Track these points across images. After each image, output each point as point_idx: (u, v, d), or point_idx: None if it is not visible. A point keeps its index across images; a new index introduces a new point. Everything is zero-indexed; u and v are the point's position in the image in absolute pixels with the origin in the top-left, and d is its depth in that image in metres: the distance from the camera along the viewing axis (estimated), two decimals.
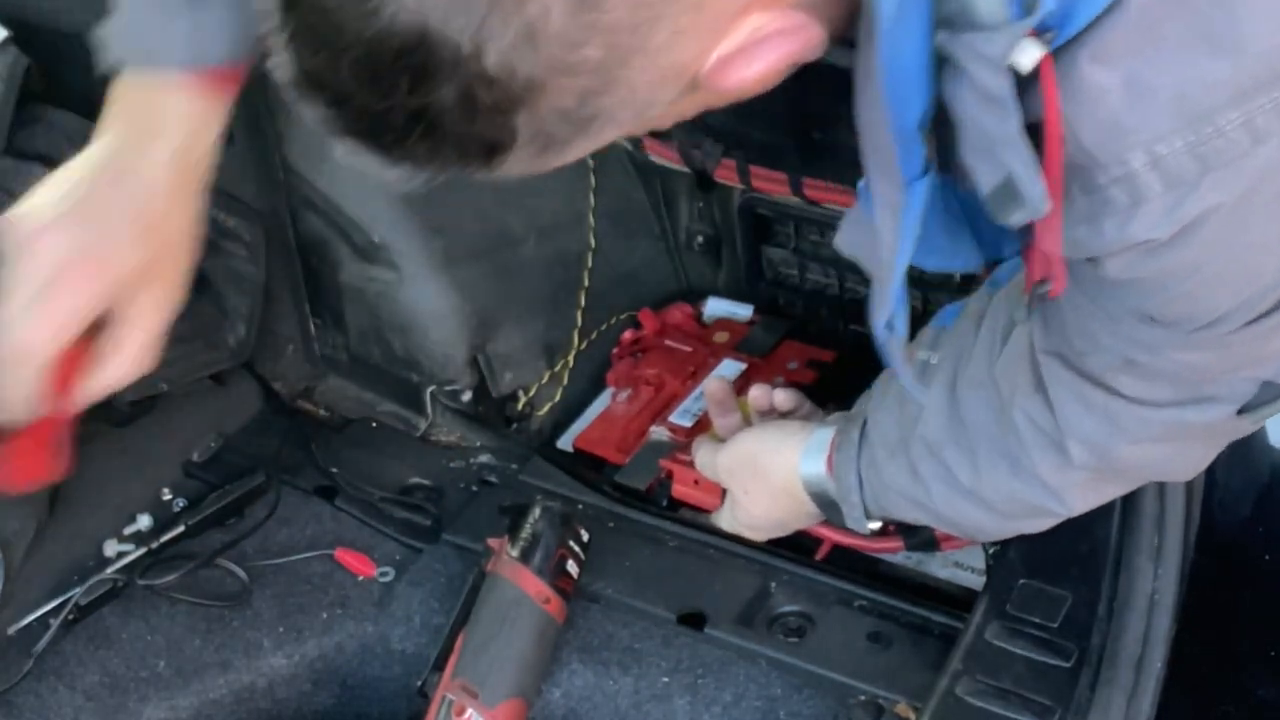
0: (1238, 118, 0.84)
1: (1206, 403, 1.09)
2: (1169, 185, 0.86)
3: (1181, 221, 0.88)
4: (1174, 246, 0.90)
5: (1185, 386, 1.08)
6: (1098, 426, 1.15)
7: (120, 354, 1.17)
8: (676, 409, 1.71)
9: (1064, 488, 1.23)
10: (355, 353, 1.81)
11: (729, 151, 1.67)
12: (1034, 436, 1.20)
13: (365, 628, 1.52)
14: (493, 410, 1.78)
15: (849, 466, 1.37)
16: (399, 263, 1.72)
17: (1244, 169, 0.85)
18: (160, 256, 1.18)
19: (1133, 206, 0.88)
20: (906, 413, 1.31)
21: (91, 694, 1.44)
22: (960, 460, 1.27)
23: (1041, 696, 1.26)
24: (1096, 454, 1.17)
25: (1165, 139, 0.85)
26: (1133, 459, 1.17)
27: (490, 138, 0.80)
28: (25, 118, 1.64)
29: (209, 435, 1.70)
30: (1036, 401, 1.18)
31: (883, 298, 1.01)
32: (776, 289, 1.85)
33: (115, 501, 1.61)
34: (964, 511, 1.30)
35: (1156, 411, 1.11)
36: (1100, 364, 1.10)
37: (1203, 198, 0.86)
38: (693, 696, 1.40)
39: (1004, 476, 1.24)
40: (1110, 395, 1.12)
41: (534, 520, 1.44)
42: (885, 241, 0.97)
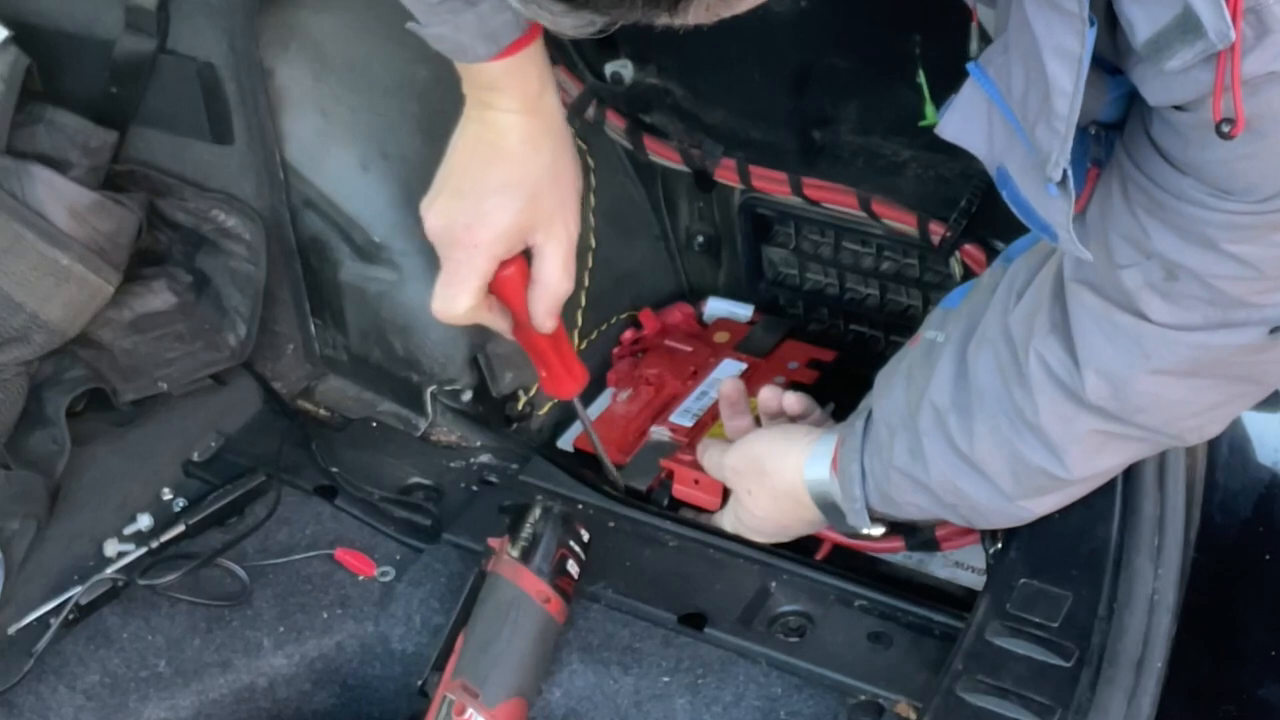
0: None
1: (1236, 327, 1.10)
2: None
3: None
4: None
5: (1217, 308, 1.09)
6: (1121, 353, 1.16)
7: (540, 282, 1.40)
8: (677, 409, 1.71)
9: (1065, 442, 1.23)
10: (355, 353, 1.81)
11: (729, 151, 1.67)
12: (1044, 381, 1.21)
13: (365, 628, 1.52)
14: (493, 410, 1.78)
15: (853, 457, 1.39)
16: (399, 262, 1.72)
17: None
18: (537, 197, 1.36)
19: (1258, 38, 0.89)
20: (914, 386, 1.33)
21: (91, 694, 1.44)
22: (960, 424, 1.28)
23: (1041, 696, 1.26)
24: (1113, 386, 1.18)
25: None
26: (1149, 394, 1.18)
27: None
28: (25, 118, 1.64)
29: (209, 435, 1.70)
30: (1053, 342, 1.20)
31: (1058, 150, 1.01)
32: (776, 289, 1.85)
33: (115, 501, 1.61)
34: (962, 487, 1.31)
35: (1185, 335, 1.12)
36: (1136, 280, 1.11)
37: None
38: (693, 696, 1.40)
39: (1003, 435, 1.25)
40: (1138, 319, 1.13)
41: (534, 520, 1.44)
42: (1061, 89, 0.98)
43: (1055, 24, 0.97)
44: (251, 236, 1.71)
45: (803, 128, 1.62)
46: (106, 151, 1.69)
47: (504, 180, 1.36)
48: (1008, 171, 1.13)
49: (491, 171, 1.36)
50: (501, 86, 1.34)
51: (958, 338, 1.31)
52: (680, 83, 1.66)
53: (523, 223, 1.37)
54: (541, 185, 1.37)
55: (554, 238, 1.39)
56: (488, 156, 1.37)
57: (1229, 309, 1.09)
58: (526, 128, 1.36)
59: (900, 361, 1.39)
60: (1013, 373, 1.24)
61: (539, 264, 1.39)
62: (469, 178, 1.37)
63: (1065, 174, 1.04)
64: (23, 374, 1.61)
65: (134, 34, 1.65)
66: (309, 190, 1.74)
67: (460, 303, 1.39)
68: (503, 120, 1.36)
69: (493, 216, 1.36)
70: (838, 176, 1.61)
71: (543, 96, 1.37)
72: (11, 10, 1.66)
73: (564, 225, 1.39)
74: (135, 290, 1.70)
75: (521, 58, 1.32)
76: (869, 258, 1.76)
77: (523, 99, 1.35)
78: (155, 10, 1.63)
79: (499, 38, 1.30)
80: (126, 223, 1.65)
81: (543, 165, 1.37)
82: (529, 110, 1.36)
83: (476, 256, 1.37)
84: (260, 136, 1.70)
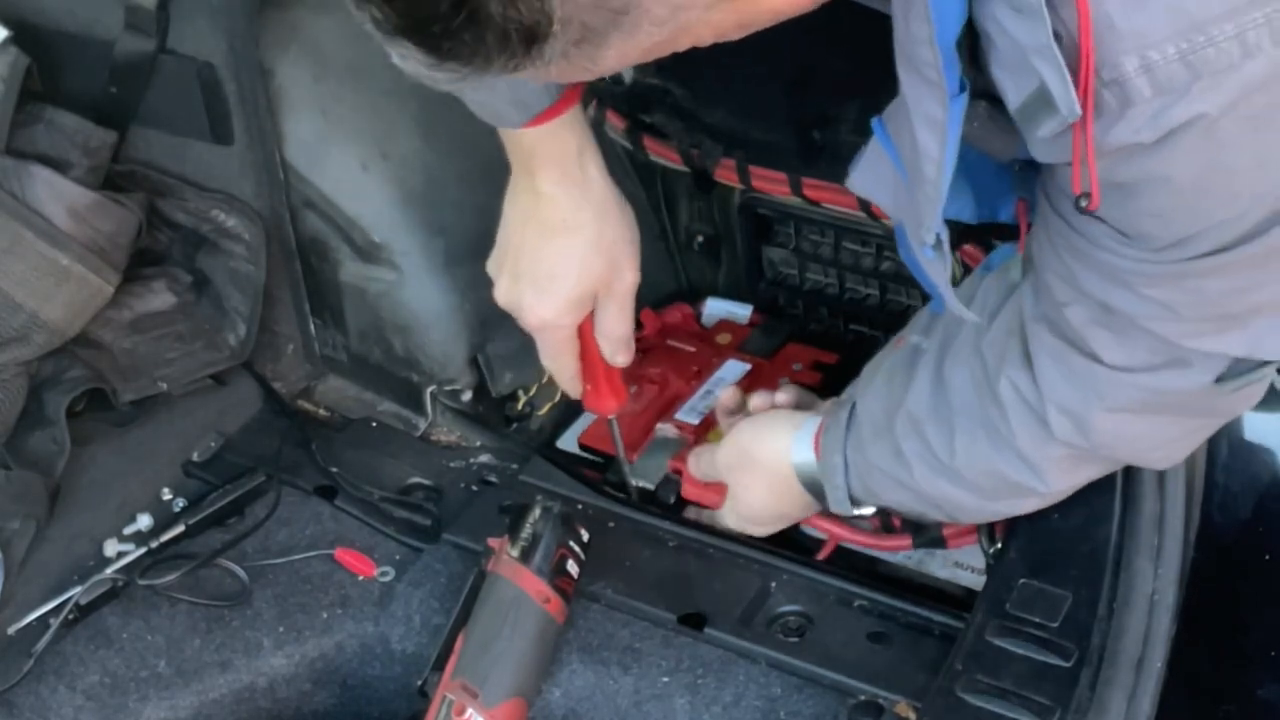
0: (1231, 29, 0.87)
1: (1181, 367, 1.11)
2: (1158, 90, 0.89)
3: (1166, 126, 0.90)
4: (1155, 153, 0.92)
5: (1160, 345, 1.10)
6: (1076, 393, 1.17)
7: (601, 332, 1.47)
8: (682, 407, 1.71)
9: (1042, 463, 1.25)
10: (355, 352, 1.81)
11: (729, 151, 1.67)
12: (1017, 407, 1.22)
13: (365, 628, 1.52)
14: (493, 410, 1.78)
15: (835, 448, 1.40)
16: (399, 263, 1.72)
17: (1232, 81, 0.88)
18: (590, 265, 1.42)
19: (1121, 109, 0.91)
20: (893, 393, 1.34)
21: (91, 694, 1.44)
22: (940, 436, 1.29)
23: (1041, 696, 1.26)
24: (1074, 423, 1.20)
25: (1159, 45, 0.88)
26: (1109, 431, 1.20)
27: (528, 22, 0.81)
28: (25, 118, 1.64)
29: (209, 435, 1.70)
30: (1024, 374, 1.21)
31: (928, 216, 1.03)
32: (776, 289, 1.85)
33: (115, 501, 1.61)
34: (944, 490, 1.32)
35: (1133, 376, 1.13)
36: (1080, 316, 1.13)
37: (1189, 105, 0.89)
38: (693, 696, 1.40)
39: (983, 450, 1.27)
40: (1091, 361, 1.14)
41: (534, 520, 1.44)
42: (929, 155, 1.00)
43: (923, 92, 0.98)
44: (251, 236, 1.71)
45: (803, 128, 1.62)
46: (106, 151, 1.69)
47: (556, 257, 1.42)
48: (903, 230, 1.14)
49: (544, 250, 1.42)
50: (539, 155, 1.39)
51: (936, 350, 1.32)
52: (680, 83, 1.66)
53: (582, 292, 1.44)
54: (592, 253, 1.43)
55: (612, 293, 1.45)
56: (538, 234, 1.42)
57: (1169, 347, 1.10)
58: (569, 200, 1.41)
59: (884, 359, 1.40)
60: (988, 394, 1.25)
61: (599, 315, 1.47)
62: (525, 257, 1.43)
63: (940, 239, 1.05)
64: (23, 374, 1.61)
65: (134, 34, 1.65)
66: (309, 190, 1.74)
67: (565, 374, 1.51)
68: (546, 193, 1.41)
69: (553, 295, 1.43)
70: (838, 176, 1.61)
71: (583, 164, 1.41)
72: (11, 10, 1.66)
73: (620, 279, 1.45)
74: (135, 290, 1.70)
75: (556, 125, 1.37)
76: (869, 258, 1.76)
77: (561, 168, 1.40)
78: (155, 10, 1.63)
79: (530, 105, 1.35)
80: (126, 223, 1.65)
81: (590, 236, 1.42)
82: (569, 180, 1.41)
83: (556, 333, 1.47)
84: (260, 136, 1.70)
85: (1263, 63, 0.88)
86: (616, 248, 1.44)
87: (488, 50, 0.82)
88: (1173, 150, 0.92)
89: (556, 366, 1.51)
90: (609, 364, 1.50)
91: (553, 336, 1.47)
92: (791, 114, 1.62)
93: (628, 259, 1.45)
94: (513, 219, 1.45)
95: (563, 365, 1.50)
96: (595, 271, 1.43)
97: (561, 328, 1.46)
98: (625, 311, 1.47)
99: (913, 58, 0.97)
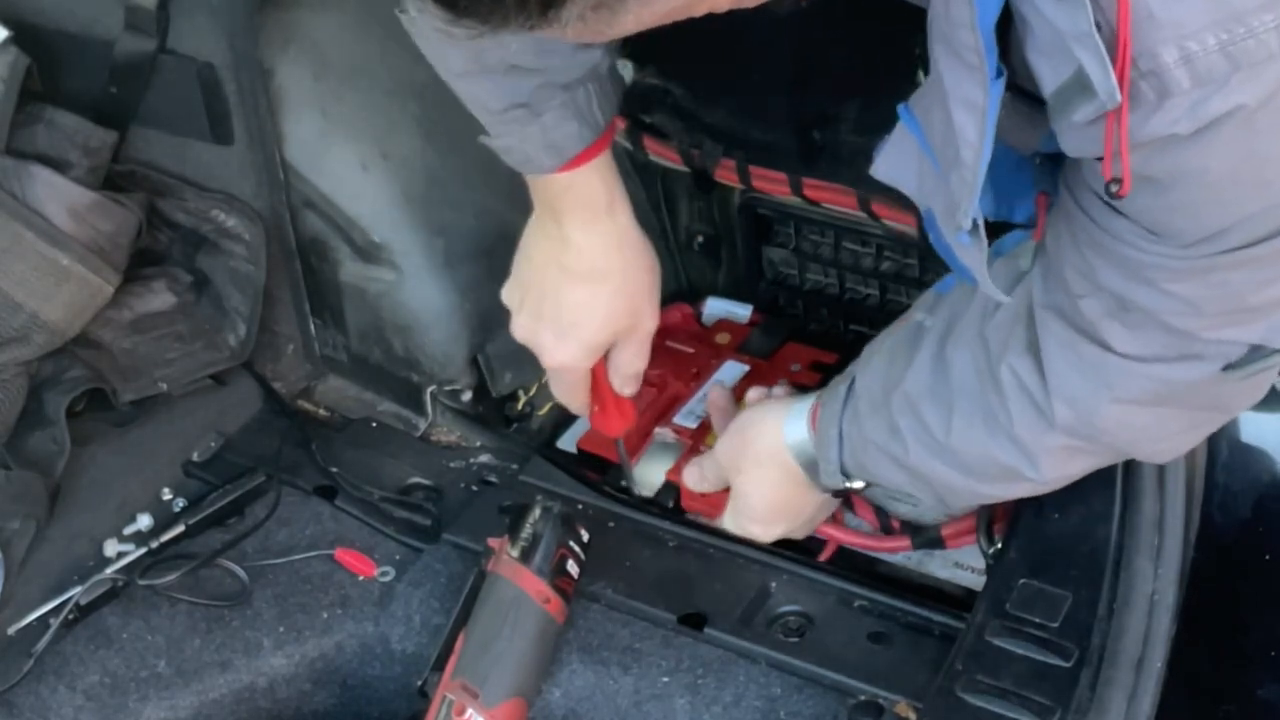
0: (1271, 20, 0.86)
1: (1193, 360, 1.10)
2: (1197, 81, 0.88)
3: (1205, 118, 0.90)
4: (1191, 144, 0.91)
5: (1174, 340, 1.10)
6: (1086, 382, 1.17)
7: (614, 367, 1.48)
8: (680, 410, 1.70)
9: (1037, 451, 1.24)
10: (355, 352, 1.81)
11: (729, 151, 1.66)
12: (1017, 395, 1.22)
13: (365, 628, 1.52)
14: (493, 410, 1.78)
15: (832, 420, 1.39)
16: (399, 263, 1.72)
17: (1271, 72, 0.88)
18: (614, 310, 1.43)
19: (1159, 100, 0.90)
20: (894, 370, 1.33)
21: (91, 694, 1.44)
22: (937, 415, 1.29)
23: (1041, 696, 1.26)
24: (1079, 413, 1.19)
25: (1198, 35, 0.87)
26: (1113, 421, 1.19)
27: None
28: (25, 118, 1.64)
29: (209, 435, 1.70)
30: (1026, 361, 1.20)
31: (967, 201, 1.02)
32: (776, 289, 1.85)
33: (115, 501, 1.61)
34: (936, 469, 1.32)
35: (1145, 366, 1.12)
36: (1095, 309, 1.12)
37: (1228, 96, 0.88)
38: (693, 696, 1.40)
39: (979, 433, 1.26)
40: (1103, 350, 1.13)
41: (534, 520, 1.44)
42: (968, 140, 0.99)
43: (962, 76, 0.98)
44: (251, 236, 1.71)
45: (803, 128, 1.62)
46: (106, 151, 1.69)
47: (580, 305, 1.43)
48: (933, 214, 1.14)
49: (568, 296, 1.42)
50: (569, 200, 1.38)
51: (939, 330, 1.31)
52: (680, 83, 1.66)
53: (602, 338, 1.45)
54: (616, 299, 1.43)
55: (631, 336, 1.47)
56: (563, 279, 1.42)
57: (1185, 341, 1.10)
58: (596, 248, 1.41)
59: (887, 338, 1.39)
60: (989, 380, 1.24)
61: (616, 354, 1.48)
62: (548, 300, 1.43)
63: (975, 223, 1.05)
64: (23, 374, 1.61)
65: (134, 34, 1.65)
66: (309, 190, 1.74)
67: (575, 404, 1.54)
68: (574, 240, 1.40)
69: (574, 341, 1.44)
70: (838, 176, 1.61)
71: (612, 211, 1.41)
72: (11, 10, 1.66)
73: (641, 324, 1.46)
74: (135, 290, 1.70)
75: (588, 170, 1.36)
76: (869, 258, 1.75)
77: (591, 214, 1.39)
78: (155, 10, 1.63)
79: (563, 150, 1.34)
80: (126, 223, 1.65)
81: (615, 284, 1.43)
82: (598, 227, 1.40)
83: (573, 373, 1.48)
84: (260, 136, 1.70)
85: None
86: (640, 295, 1.45)
87: (505, 10, 0.81)
88: (1210, 142, 0.91)
89: (568, 400, 1.54)
90: (619, 393, 1.51)
91: (568, 376, 1.49)
92: (791, 114, 1.62)
93: (650, 304, 1.46)
94: (535, 259, 1.44)
95: (574, 399, 1.53)
96: (618, 319, 1.44)
97: (579, 370, 1.48)
98: (642, 352, 1.49)
99: (952, 41, 0.97)
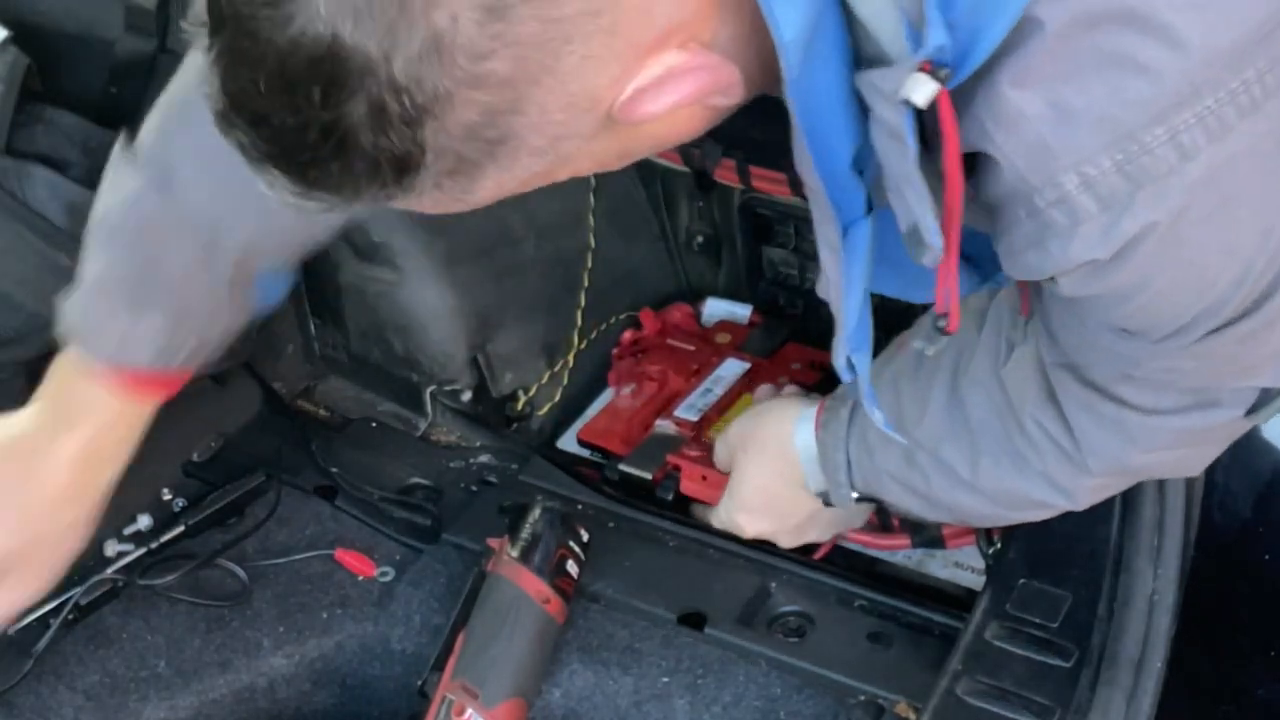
0: (1163, 134, 0.84)
1: (1212, 407, 1.09)
2: (1103, 205, 0.87)
3: (1120, 240, 0.88)
4: (1117, 265, 0.90)
5: (1188, 393, 1.09)
6: (1111, 439, 1.16)
7: None
8: (681, 404, 1.71)
9: (1075, 490, 1.24)
10: (355, 353, 1.81)
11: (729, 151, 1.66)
12: (1047, 444, 1.21)
13: (365, 628, 1.52)
14: (493, 410, 1.78)
15: (838, 445, 1.37)
16: (399, 263, 1.72)
17: (1174, 186, 0.86)
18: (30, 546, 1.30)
19: (1072, 228, 0.88)
20: (901, 403, 1.32)
21: (91, 694, 1.44)
22: (959, 454, 1.28)
23: (1041, 696, 1.26)
24: (1110, 464, 1.19)
25: (1093, 159, 0.85)
26: (1146, 465, 1.20)
27: (399, 152, 0.80)
28: (25, 118, 1.64)
29: (209, 435, 1.70)
30: (1049, 412, 1.19)
31: (838, 339, 1.03)
32: (776, 289, 1.85)
33: (115, 501, 1.60)
34: (961, 500, 1.31)
35: (1165, 419, 1.11)
36: (1103, 375, 1.11)
37: (1136, 215, 0.87)
38: (693, 696, 1.40)
39: (1007, 474, 1.25)
40: (1120, 407, 1.12)
41: (534, 520, 1.44)
42: (831, 281, 0.99)
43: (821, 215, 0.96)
44: None
45: None
46: (106, 152, 1.69)
47: None
48: None
49: None
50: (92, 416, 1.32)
51: (948, 368, 1.29)
52: None
53: None
54: None
55: None
56: None
57: (1198, 394, 1.09)
58: None
59: (886, 367, 1.35)
60: (1012, 424, 1.23)
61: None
62: None
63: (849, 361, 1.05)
64: (22, 374, 1.61)
65: (134, 34, 1.65)
66: None
67: None
68: None
69: None
70: None
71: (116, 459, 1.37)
72: (11, 10, 1.66)
73: None
74: None
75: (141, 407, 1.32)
76: None
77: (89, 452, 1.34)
78: (155, 10, 1.63)
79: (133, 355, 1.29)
80: None
81: None
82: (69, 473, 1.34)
83: None
84: None
85: (1203, 163, 0.85)
86: None
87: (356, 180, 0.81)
88: (1136, 261, 0.90)
89: None
90: None
91: None
92: None
93: None
94: None
95: None
96: None
97: None
98: None
99: (807, 183, 0.95)
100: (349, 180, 0.82)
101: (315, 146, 0.80)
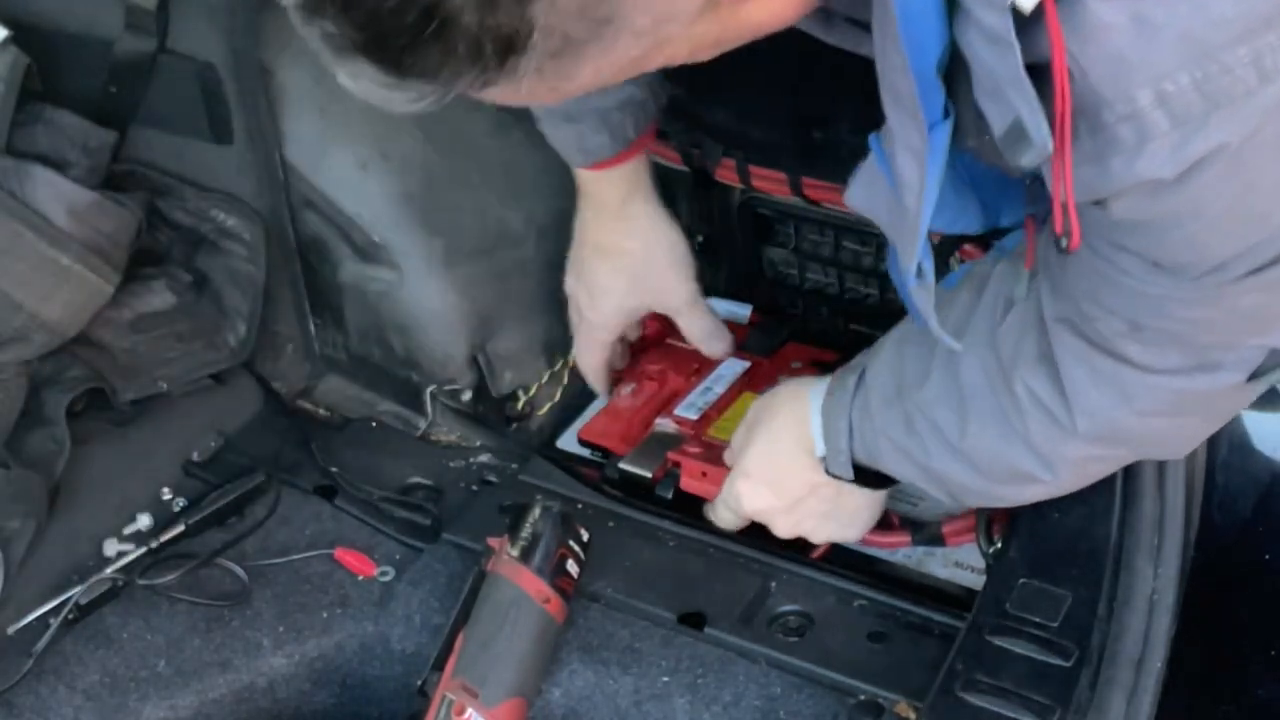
0: (1245, 55, 0.84)
1: (1215, 369, 1.09)
2: (1176, 123, 0.86)
3: (1188, 160, 0.88)
4: (1179, 186, 0.90)
5: (1193, 351, 1.08)
6: (1105, 397, 1.15)
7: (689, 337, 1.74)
8: (681, 403, 1.71)
9: (1055, 458, 1.23)
10: (355, 352, 1.81)
11: (729, 151, 1.67)
12: (1033, 408, 1.20)
13: (365, 627, 1.52)
14: (493, 410, 1.78)
15: (840, 412, 1.37)
16: (399, 262, 1.72)
17: (1251, 107, 0.86)
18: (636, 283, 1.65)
19: (1139, 144, 0.88)
20: (904, 364, 1.32)
21: (91, 694, 1.44)
22: (950, 419, 1.27)
23: (1041, 696, 1.26)
24: (1101, 424, 1.17)
25: (1172, 76, 0.85)
26: (1136, 431, 1.18)
27: (507, 30, 0.77)
28: (25, 117, 1.64)
29: (209, 435, 1.70)
30: (1040, 374, 1.19)
31: (909, 245, 1.01)
32: (776, 289, 1.85)
33: (115, 501, 1.61)
34: (952, 469, 1.30)
35: (1166, 379, 1.11)
36: (1108, 329, 1.10)
37: (1209, 136, 0.86)
38: (693, 696, 1.40)
39: (993, 439, 1.25)
40: (1119, 363, 1.12)
41: (534, 520, 1.44)
42: (910, 185, 0.98)
43: (904, 120, 0.96)
44: (251, 236, 1.72)
45: (803, 128, 1.62)
46: (106, 151, 1.69)
47: (605, 274, 1.65)
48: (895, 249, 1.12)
49: (597, 267, 1.65)
50: (590, 193, 1.62)
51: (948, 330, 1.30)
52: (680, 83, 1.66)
53: (629, 305, 1.67)
54: (638, 273, 1.64)
55: (671, 307, 1.69)
56: (593, 252, 1.65)
57: (1203, 353, 1.08)
58: (614, 231, 1.63)
59: (894, 331, 1.36)
60: (1002, 388, 1.23)
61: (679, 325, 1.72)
62: (586, 268, 1.66)
63: (922, 268, 1.03)
64: (23, 374, 1.61)
65: (134, 34, 1.65)
66: (309, 190, 1.74)
67: (587, 364, 1.72)
68: (595, 221, 1.63)
69: (601, 304, 1.67)
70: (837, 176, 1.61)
71: (628, 203, 1.61)
72: (11, 10, 1.66)
73: (674, 295, 1.68)
74: (135, 290, 1.70)
75: (610, 174, 1.58)
76: (869, 257, 1.75)
77: (606, 206, 1.61)
78: (155, 10, 1.63)
79: (592, 154, 1.55)
80: (126, 223, 1.65)
81: (634, 260, 1.64)
82: (615, 215, 1.62)
83: (596, 331, 1.69)
84: (260, 136, 1.70)
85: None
86: (661, 271, 1.65)
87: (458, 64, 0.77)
88: (1198, 184, 0.89)
89: (585, 357, 1.71)
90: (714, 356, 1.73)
91: (591, 335, 1.69)
92: (791, 114, 1.62)
93: (673, 279, 1.66)
94: (578, 228, 1.66)
95: (591, 358, 1.71)
96: (641, 290, 1.66)
97: (604, 329, 1.68)
98: (695, 317, 1.70)
99: (892, 86, 0.95)
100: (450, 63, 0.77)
101: (415, 29, 0.76)
